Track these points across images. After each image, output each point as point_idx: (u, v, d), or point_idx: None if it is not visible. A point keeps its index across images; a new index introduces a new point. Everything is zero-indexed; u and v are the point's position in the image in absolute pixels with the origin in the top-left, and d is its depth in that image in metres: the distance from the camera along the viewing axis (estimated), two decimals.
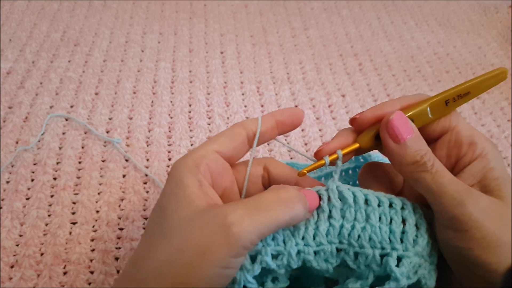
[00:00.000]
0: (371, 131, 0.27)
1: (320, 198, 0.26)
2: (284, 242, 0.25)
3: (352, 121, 0.28)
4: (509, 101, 0.56)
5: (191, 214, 0.23)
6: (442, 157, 0.27)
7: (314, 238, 0.25)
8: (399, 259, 0.24)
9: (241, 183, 0.28)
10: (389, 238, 0.24)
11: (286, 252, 0.25)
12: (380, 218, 0.25)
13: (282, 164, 0.29)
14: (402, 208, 0.25)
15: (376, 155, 0.36)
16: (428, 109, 0.26)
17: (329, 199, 0.26)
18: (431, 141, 0.27)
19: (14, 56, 0.54)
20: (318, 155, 0.27)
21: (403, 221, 0.25)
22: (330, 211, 0.25)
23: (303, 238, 0.25)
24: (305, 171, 0.27)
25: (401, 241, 0.24)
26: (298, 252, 0.25)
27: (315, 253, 0.25)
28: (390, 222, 0.25)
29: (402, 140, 0.25)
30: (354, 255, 0.25)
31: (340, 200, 0.25)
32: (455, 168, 0.27)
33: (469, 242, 0.23)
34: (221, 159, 0.26)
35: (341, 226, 0.25)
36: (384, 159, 0.34)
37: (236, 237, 0.21)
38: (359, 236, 0.25)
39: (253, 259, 0.24)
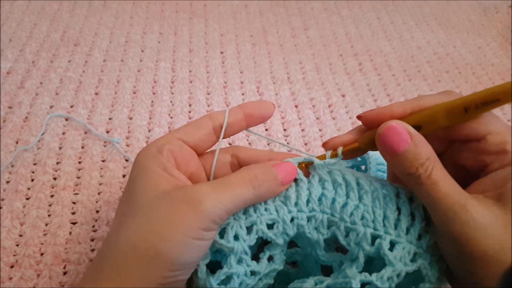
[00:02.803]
0: (372, 133, 0.26)
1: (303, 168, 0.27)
2: (276, 211, 0.26)
3: (359, 118, 0.27)
4: None
5: (159, 193, 0.24)
6: (469, 160, 0.26)
7: (307, 204, 0.26)
8: (392, 244, 0.25)
9: (208, 170, 0.29)
10: (383, 222, 0.25)
11: (281, 219, 0.26)
12: (373, 201, 0.25)
13: (251, 149, 0.30)
14: (397, 196, 0.26)
15: (375, 156, 0.36)
16: (443, 114, 0.24)
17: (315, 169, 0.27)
18: (460, 141, 0.26)
19: (14, 56, 0.54)
20: (324, 146, 0.28)
21: (398, 209, 0.25)
22: (320, 179, 0.27)
23: (296, 204, 0.26)
24: (304, 165, 0.28)
25: (395, 227, 0.25)
26: (292, 219, 0.26)
27: (308, 219, 0.26)
28: (385, 208, 0.25)
29: (395, 153, 0.24)
30: (345, 231, 0.26)
31: (329, 175, 0.27)
32: (484, 171, 0.25)
33: (461, 256, 0.23)
34: (185, 145, 0.27)
35: (334, 199, 0.26)
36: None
37: (205, 211, 0.23)
38: (352, 213, 0.25)
39: (249, 229, 0.26)
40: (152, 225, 0.23)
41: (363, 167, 0.39)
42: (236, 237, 0.25)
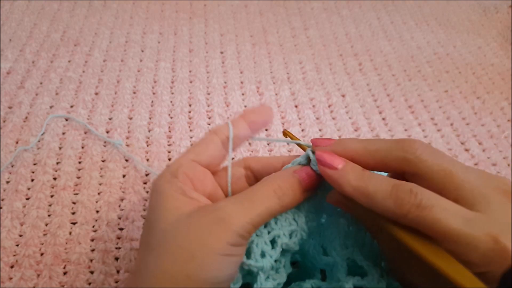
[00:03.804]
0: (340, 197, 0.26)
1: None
2: (295, 221, 0.26)
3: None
4: (509, 101, 0.56)
5: (183, 216, 0.24)
6: None
7: (314, 207, 0.27)
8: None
9: (225, 187, 0.29)
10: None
11: (300, 228, 0.26)
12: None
13: (263, 157, 0.30)
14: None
15: None
16: None
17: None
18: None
19: (14, 56, 0.54)
20: (315, 144, 0.27)
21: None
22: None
23: (306, 209, 0.27)
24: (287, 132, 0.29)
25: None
26: (306, 222, 0.27)
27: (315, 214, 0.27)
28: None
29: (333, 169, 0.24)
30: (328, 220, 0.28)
31: None
32: None
33: None
34: (198, 166, 0.27)
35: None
36: None
37: (232, 227, 0.22)
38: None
39: (272, 243, 0.25)
40: (180, 247, 0.23)
41: None
42: (263, 254, 0.25)
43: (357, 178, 0.23)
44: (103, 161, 0.43)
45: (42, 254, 0.35)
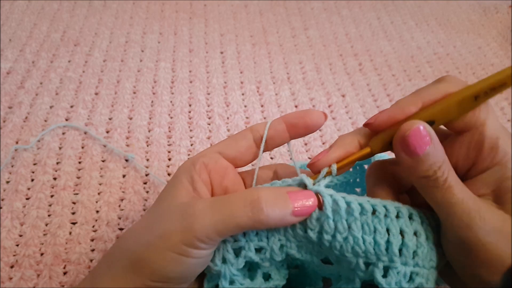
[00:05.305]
0: (386, 135, 0.24)
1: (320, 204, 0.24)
2: (267, 238, 0.25)
3: (367, 125, 0.25)
4: (509, 101, 0.56)
5: (168, 206, 0.24)
6: (460, 156, 0.25)
7: (295, 237, 0.25)
8: (386, 269, 0.23)
9: (249, 185, 0.28)
10: (374, 250, 0.23)
11: (269, 248, 0.25)
12: (363, 227, 0.24)
13: (293, 168, 0.28)
14: (385, 216, 0.24)
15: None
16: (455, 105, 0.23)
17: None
18: (454, 133, 0.25)
19: (14, 56, 0.54)
20: (313, 167, 0.25)
21: (387, 230, 0.24)
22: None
23: (285, 234, 0.25)
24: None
25: (387, 251, 0.23)
26: (281, 246, 0.25)
27: (298, 247, 0.25)
28: (374, 231, 0.23)
29: (416, 155, 0.23)
30: (337, 259, 0.25)
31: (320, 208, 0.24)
32: (471, 170, 0.25)
33: (471, 260, 0.23)
34: (222, 159, 0.27)
35: (321, 236, 0.24)
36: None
37: (191, 227, 0.22)
38: (341, 246, 0.24)
39: (236, 253, 0.25)
40: (143, 233, 0.24)
41: (358, 180, 0.38)
42: (224, 260, 0.24)
43: None
44: (103, 161, 0.43)
45: (42, 254, 0.35)
